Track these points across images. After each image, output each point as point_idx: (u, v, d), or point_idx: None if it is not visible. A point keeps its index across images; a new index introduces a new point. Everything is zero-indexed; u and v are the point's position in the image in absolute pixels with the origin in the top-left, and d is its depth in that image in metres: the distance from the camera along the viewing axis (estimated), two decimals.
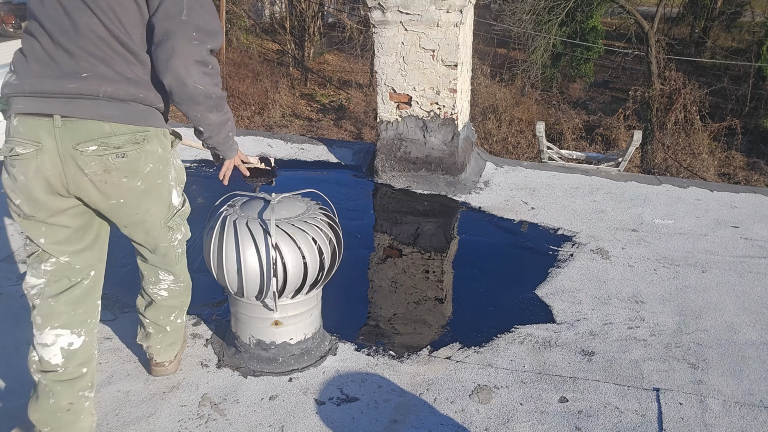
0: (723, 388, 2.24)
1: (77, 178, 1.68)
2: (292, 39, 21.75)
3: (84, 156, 1.65)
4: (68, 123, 1.63)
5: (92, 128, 1.65)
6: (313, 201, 2.33)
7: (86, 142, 1.64)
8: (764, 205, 3.82)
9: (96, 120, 1.65)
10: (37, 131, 1.63)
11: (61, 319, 1.80)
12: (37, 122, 1.64)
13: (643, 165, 14.61)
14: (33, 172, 1.65)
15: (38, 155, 1.64)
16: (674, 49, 18.03)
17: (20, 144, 1.63)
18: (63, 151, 1.64)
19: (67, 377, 1.80)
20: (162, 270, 2.03)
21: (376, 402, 2.16)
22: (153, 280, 2.05)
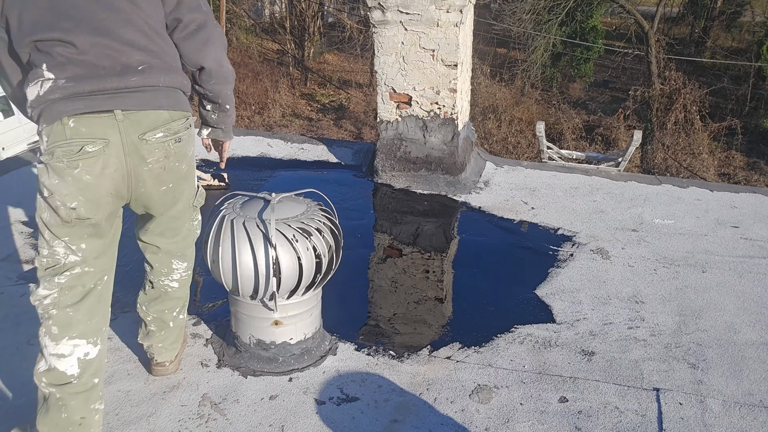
0: (723, 388, 2.24)
1: (138, 170, 1.74)
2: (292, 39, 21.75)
3: (149, 144, 1.73)
4: (130, 116, 1.70)
5: (155, 117, 1.74)
6: (313, 201, 2.33)
7: (152, 131, 1.73)
8: (764, 205, 3.82)
9: (156, 110, 1.74)
10: (102, 128, 1.67)
11: (78, 329, 1.76)
12: (99, 119, 1.67)
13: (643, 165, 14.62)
14: (99, 169, 1.68)
15: (105, 151, 1.68)
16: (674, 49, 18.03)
17: (89, 142, 1.65)
18: (127, 144, 1.70)
19: (81, 389, 1.76)
20: (176, 258, 2.06)
21: (376, 402, 2.16)
22: (165, 271, 2.06)
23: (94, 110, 1.66)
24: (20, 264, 2.99)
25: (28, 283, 2.81)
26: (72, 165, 1.65)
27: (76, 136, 1.65)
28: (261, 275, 2.09)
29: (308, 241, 2.12)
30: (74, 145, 1.65)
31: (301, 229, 2.12)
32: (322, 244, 2.16)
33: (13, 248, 3.13)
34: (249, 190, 2.33)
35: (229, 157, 4.50)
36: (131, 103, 1.69)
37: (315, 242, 2.13)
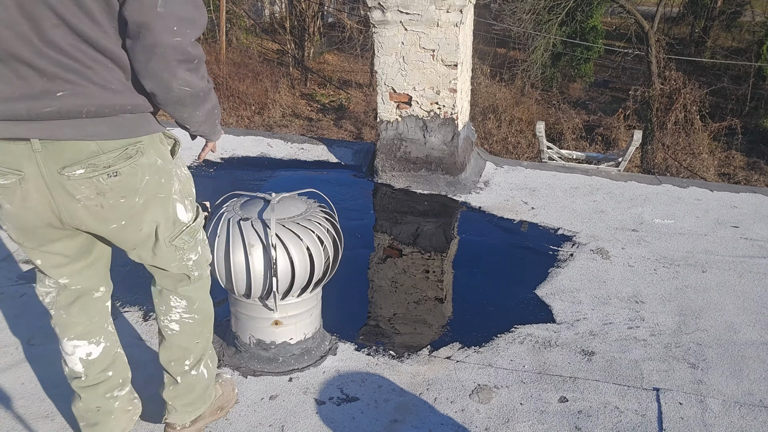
0: (723, 388, 2.24)
1: (69, 206, 1.49)
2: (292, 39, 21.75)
3: (72, 181, 1.45)
4: (49, 146, 1.42)
5: (77, 149, 1.44)
6: (313, 201, 2.33)
7: (71, 166, 1.44)
8: (764, 205, 3.82)
9: (80, 140, 1.44)
10: (16, 158, 1.43)
11: (76, 330, 1.75)
12: (15, 147, 1.42)
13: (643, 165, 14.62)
14: (19, 202, 1.47)
15: (21, 184, 1.44)
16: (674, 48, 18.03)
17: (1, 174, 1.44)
18: (48, 178, 1.44)
19: (90, 383, 1.77)
20: (173, 294, 1.77)
21: (376, 402, 2.16)
22: (163, 309, 1.80)
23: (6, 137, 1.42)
24: (20, 264, 2.99)
25: (28, 283, 2.81)
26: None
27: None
28: (261, 275, 2.09)
29: (308, 241, 2.12)
30: None
31: (301, 229, 2.12)
32: (323, 244, 2.16)
33: (13, 248, 3.13)
34: (249, 190, 2.33)
35: (229, 157, 4.51)
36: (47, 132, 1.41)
37: (315, 242, 2.13)
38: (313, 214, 2.20)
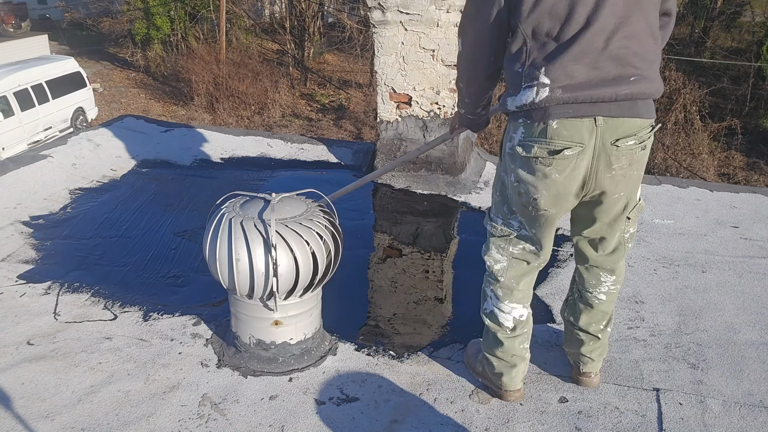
0: (723, 388, 2.24)
1: (601, 174, 1.75)
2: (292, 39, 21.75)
3: (619, 151, 1.73)
4: (609, 121, 1.70)
5: (630, 124, 1.72)
6: (313, 201, 2.33)
7: (626, 138, 1.72)
8: (764, 205, 3.82)
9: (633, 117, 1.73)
10: (581, 132, 1.70)
11: (518, 297, 2.06)
12: (581, 124, 1.70)
13: None
14: (569, 171, 1.74)
15: (579, 155, 1.72)
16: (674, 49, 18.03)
17: (568, 146, 1.70)
18: (599, 149, 1.72)
19: (513, 335, 2.08)
20: (605, 270, 2.05)
21: (376, 402, 2.16)
22: (593, 283, 2.06)
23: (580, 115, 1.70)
24: (20, 264, 2.99)
25: (28, 283, 2.82)
26: (546, 163, 1.74)
27: (558, 137, 1.71)
28: (261, 275, 2.09)
29: (308, 241, 2.12)
30: (555, 145, 1.72)
31: (301, 229, 2.12)
32: (322, 244, 2.16)
33: (13, 248, 3.13)
34: (249, 190, 2.33)
35: (229, 157, 4.51)
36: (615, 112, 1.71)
37: (315, 242, 2.13)
38: (313, 214, 2.20)
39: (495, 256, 2.04)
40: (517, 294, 2.05)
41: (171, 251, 3.20)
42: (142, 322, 2.56)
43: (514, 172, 1.83)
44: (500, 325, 2.07)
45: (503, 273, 2.03)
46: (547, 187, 1.78)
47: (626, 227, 1.98)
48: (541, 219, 1.89)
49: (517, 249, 2.00)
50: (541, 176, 1.77)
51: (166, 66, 22.11)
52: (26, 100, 13.99)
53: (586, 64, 1.67)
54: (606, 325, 2.13)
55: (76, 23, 26.26)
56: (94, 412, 2.06)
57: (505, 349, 2.09)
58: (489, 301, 2.10)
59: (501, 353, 2.10)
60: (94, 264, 3.05)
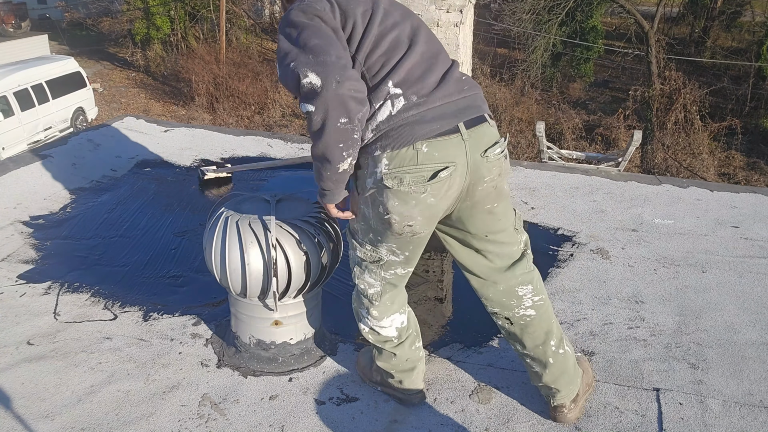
0: (723, 388, 2.24)
1: (473, 189, 1.72)
2: None
3: (489, 162, 1.70)
4: (473, 133, 1.68)
5: (491, 132, 1.72)
6: (313, 201, 2.33)
7: (492, 147, 1.70)
8: (764, 205, 3.82)
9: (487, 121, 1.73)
10: (451, 151, 1.65)
11: (392, 309, 2.02)
12: (448, 142, 1.65)
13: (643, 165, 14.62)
14: (444, 192, 1.69)
15: (453, 174, 1.67)
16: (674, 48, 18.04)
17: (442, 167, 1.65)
18: (471, 164, 1.68)
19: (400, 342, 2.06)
20: (518, 285, 1.91)
21: (376, 402, 2.16)
22: (514, 303, 1.92)
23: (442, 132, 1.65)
24: (20, 264, 2.99)
25: (28, 283, 2.82)
26: (420, 190, 1.67)
27: (428, 161, 1.65)
28: (261, 275, 2.09)
29: (308, 241, 2.12)
30: (426, 171, 1.65)
31: (301, 229, 2.12)
32: (322, 244, 2.16)
33: (13, 248, 3.13)
34: (249, 190, 2.33)
35: (229, 157, 4.51)
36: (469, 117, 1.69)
37: (314, 242, 2.13)
38: (313, 214, 2.20)
39: (368, 281, 1.97)
40: (392, 308, 2.01)
41: (171, 251, 3.20)
42: (142, 322, 2.56)
43: (383, 204, 1.72)
44: (386, 339, 2.04)
45: (378, 297, 1.98)
46: (422, 212, 1.71)
47: (519, 237, 1.94)
48: (416, 241, 1.84)
49: (389, 274, 1.93)
50: (414, 204, 1.69)
51: (166, 66, 22.11)
52: (26, 100, 13.99)
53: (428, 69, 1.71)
54: (557, 346, 1.96)
55: (76, 23, 26.26)
56: (94, 412, 2.06)
57: (398, 358, 2.06)
58: (366, 321, 2.05)
59: (396, 363, 2.07)
60: (94, 264, 3.05)
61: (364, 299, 2.02)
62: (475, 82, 1.81)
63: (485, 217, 1.80)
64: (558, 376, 1.97)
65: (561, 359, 1.97)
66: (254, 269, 2.08)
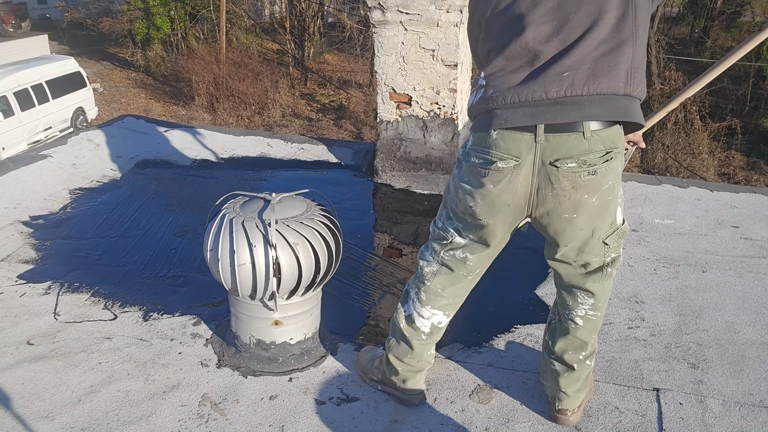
0: (723, 388, 2.24)
1: (543, 194, 1.68)
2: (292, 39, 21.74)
3: (558, 171, 1.64)
4: (551, 139, 1.62)
5: (572, 146, 1.62)
6: (313, 201, 2.33)
7: (565, 159, 1.63)
8: (764, 205, 3.82)
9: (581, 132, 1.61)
10: (518, 146, 1.65)
11: (440, 303, 2.01)
12: (519, 138, 1.64)
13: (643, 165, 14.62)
14: (504, 183, 1.69)
15: (515, 169, 1.66)
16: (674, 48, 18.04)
17: (503, 158, 1.66)
18: (539, 166, 1.65)
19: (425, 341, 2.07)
20: (582, 291, 1.88)
21: (376, 402, 2.16)
22: (571, 304, 1.91)
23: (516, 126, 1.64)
24: (20, 264, 2.99)
25: (28, 283, 2.82)
26: (482, 173, 1.71)
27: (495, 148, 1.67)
28: (261, 275, 2.09)
29: (308, 241, 2.12)
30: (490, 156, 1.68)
31: (301, 229, 2.12)
32: (322, 244, 2.16)
33: (13, 248, 3.13)
34: (249, 190, 2.33)
35: (229, 157, 4.51)
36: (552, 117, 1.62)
37: (315, 242, 2.13)
38: (313, 214, 2.20)
39: (428, 258, 1.99)
40: (441, 301, 2.00)
41: (171, 251, 3.20)
42: (142, 322, 2.56)
43: (457, 177, 1.82)
44: (416, 330, 2.04)
45: (431, 277, 1.98)
46: (482, 196, 1.74)
47: (606, 252, 1.83)
48: (480, 230, 1.84)
49: (448, 255, 1.94)
50: (477, 184, 1.74)
51: (166, 66, 22.11)
52: (26, 100, 14.00)
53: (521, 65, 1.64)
54: (585, 357, 1.97)
55: (76, 23, 26.27)
56: (94, 412, 2.06)
57: (414, 354, 2.06)
58: (410, 304, 2.04)
59: (410, 358, 2.07)
60: (94, 264, 3.05)
61: (417, 280, 2.03)
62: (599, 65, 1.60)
63: (565, 225, 1.75)
64: (573, 382, 1.99)
65: (583, 369, 1.99)
66: (254, 269, 2.08)
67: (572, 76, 1.58)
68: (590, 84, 1.58)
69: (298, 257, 2.09)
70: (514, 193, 1.70)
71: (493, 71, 1.68)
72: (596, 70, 1.58)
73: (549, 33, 1.60)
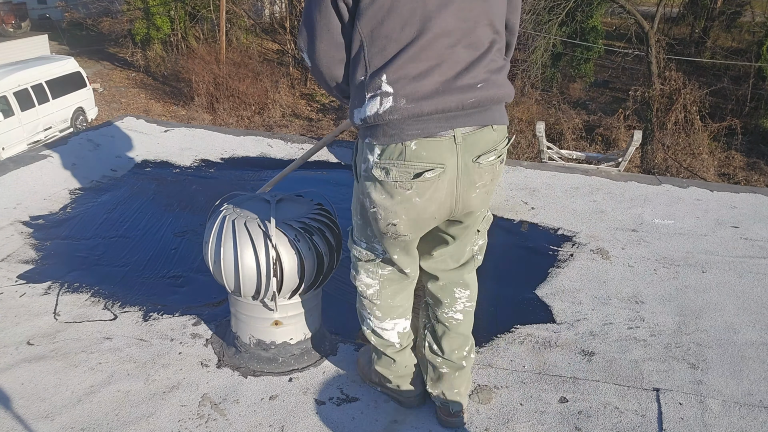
0: (723, 388, 2.24)
1: (466, 196, 1.68)
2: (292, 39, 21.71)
3: (481, 168, 1.65)
4: (468, 138, 1.61)
5: (488, 139, 1.65)
6: (313, 201, 2.33)
7: (486, 153, 1.65)
8: (764, 205, 3.82)
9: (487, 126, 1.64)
10: (441, 152, 1.60)
11: (397, 312, 2.01)
12: (440, 143, 1.60)
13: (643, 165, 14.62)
14: (431, 193, 1.64)
15: (440, 176, 1.62)
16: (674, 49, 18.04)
17: (429, 168, 1.60)
18: (461, 168, 1.63)
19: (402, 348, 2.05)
20: (458, 286, 1.94)
21: (376, 402, 2.16)
22: (448, 302, 1.96)
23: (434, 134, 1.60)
24: (20, 264, 2.99)
25: (28, 283, 2.82)
26: (406, 186, 1.63)
27: (416, 159, 1.60)
28: (261, 275, 2.09)
29: (308, 241, 2.12)
30: (413, 168, 1.60)
31: (301, 229, 2.12)
32: (322, 244, 2.16)
33: (13, 248, 3.13)
34: (249, 190, 2.33)
35: (229, 157, 4.51)
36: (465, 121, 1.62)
37: (315, 242, 2.13)
38: (313, 214, 2.20)
39: (366, 281, 1.96)
40: (397, 310, 2.00)
41: (171, 251, 3.20)
42: (142, 322, 2.56)
43: (369, 196, 1.70)
44: (387, 342, 2.03)
45: (378, 296, 1.96)
46: (407, 211, 1.67)
47: (475, 240, 1.92)
48: (401, 244, 1.80)
49: (386, 271, 1.93)
50: (400, 200, 1.65)
51: (166, 66, 22.11)
52: (26, 100, 13.99)
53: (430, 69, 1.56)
54: (469, 352, 2.02)
55: (76, 23, 26.26)
56: (94, 412, 2.06)
57: (398, 364, 2.06)
58: (368, 322, 2.03)
59: (395, 368, 2.07)
60: (94, 264, 3.05)
61: (365, 300, 2.01)
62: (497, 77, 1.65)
63: (476, 220, 1.81)
64: (465, 380, 2.03)
65: (470, 364, 2.04)
66: (254, 269, 2.08)
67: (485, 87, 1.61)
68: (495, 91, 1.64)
69: (301, 257, 2.09)
70: (440, 203, 1.66)
71: (398, 77, 1.57)
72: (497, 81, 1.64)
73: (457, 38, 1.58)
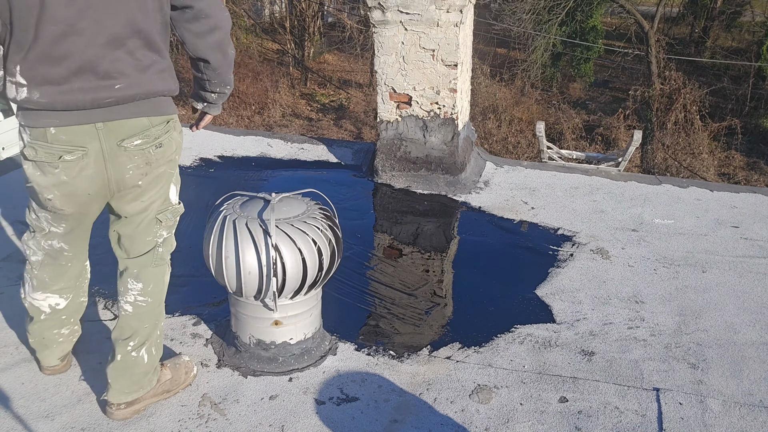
0: (723, 388, 2.24)
1: (120, 176, 1.76)
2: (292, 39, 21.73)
3: (128, 151, 1.74)
4: (109, 124, 1.70)
5: (133, 125, 1.73)
6: (313, 201, 2.33)
7: (131, 138, 1.73)
8: (764, 205, 3.82)
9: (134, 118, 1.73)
10: (81, 137, 1.69)
11: (53, 288, 2.04)
12: (79, 129, 1.69)
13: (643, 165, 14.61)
14: (78, 172, 1.73)
15: (84, 158, 1.71)
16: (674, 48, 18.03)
17: (69, 151, 1.69)
18: (107, 151, 1.72)
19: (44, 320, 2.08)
20: (131, 276, 1.95)
21: (376, 402, 2.16)
22: (122, 290, 1.97)
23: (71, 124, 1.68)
24: (20, 264, 2.98)
25: None
26: (54, 165, 1.72)
27: (56, 142, 1.69)
28: (261, 275, 2.09)
29: (308, 241, 2.12)
30: (55, 151, 1.69)
31: (301, 229, 2.12)
32: (323, 244, 2.16)
33: (13, 248, 3.13)
34: (249, 190, 2.33)
35: (229, 157, 4.51)
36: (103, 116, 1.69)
37: (315, 242, 2.13)
38: (313, 214, 2.20)
39: (32, 247, 1.99)
40: (53, 287, 2.03)
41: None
42: None
43: (26, 172, 1.78)
44: (35, 309, 2.06)
45: (38, 266, 2.00)
46: (59, 187, 1.75)
47: (158, 230, 1.94)
48: (65, 219, 1.88)
49: (47, 245, 1.96)
50: (51, 178, 1.74)
51: None
52: None
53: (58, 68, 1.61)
54: (134, 348, 1.94)
55: None
56: (94, 412, 2.06)
57: (35, 330, 2.09)
58: (25, 287, 2.07)
59: (33, 334, 2.11)
60: (94, 264, 3.04)
61: (27, 265, 2.04)
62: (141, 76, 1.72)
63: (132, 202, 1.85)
64: (118, 374, 1.96)
65: (130, 361, 1.96)
66: (254, 269, 2.08)
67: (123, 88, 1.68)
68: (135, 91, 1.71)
69: (297, 257, 2.09)
70: (92, 180, 1.75)
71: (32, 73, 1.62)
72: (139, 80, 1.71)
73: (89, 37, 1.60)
